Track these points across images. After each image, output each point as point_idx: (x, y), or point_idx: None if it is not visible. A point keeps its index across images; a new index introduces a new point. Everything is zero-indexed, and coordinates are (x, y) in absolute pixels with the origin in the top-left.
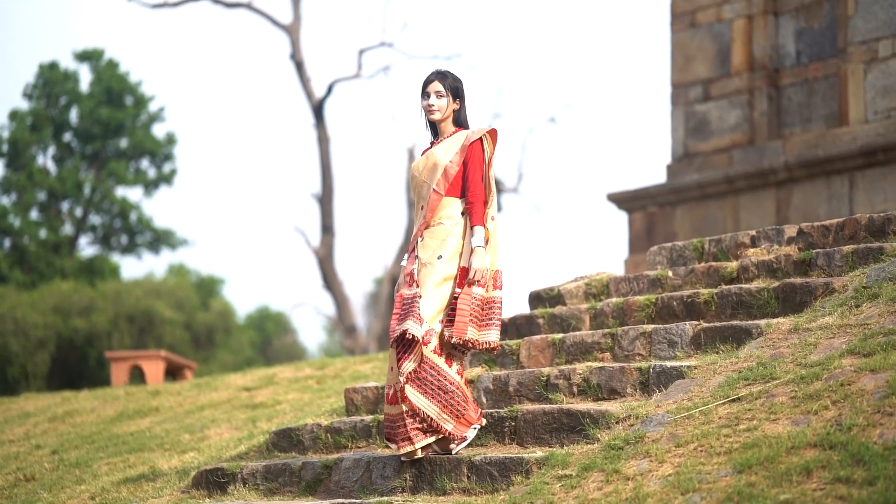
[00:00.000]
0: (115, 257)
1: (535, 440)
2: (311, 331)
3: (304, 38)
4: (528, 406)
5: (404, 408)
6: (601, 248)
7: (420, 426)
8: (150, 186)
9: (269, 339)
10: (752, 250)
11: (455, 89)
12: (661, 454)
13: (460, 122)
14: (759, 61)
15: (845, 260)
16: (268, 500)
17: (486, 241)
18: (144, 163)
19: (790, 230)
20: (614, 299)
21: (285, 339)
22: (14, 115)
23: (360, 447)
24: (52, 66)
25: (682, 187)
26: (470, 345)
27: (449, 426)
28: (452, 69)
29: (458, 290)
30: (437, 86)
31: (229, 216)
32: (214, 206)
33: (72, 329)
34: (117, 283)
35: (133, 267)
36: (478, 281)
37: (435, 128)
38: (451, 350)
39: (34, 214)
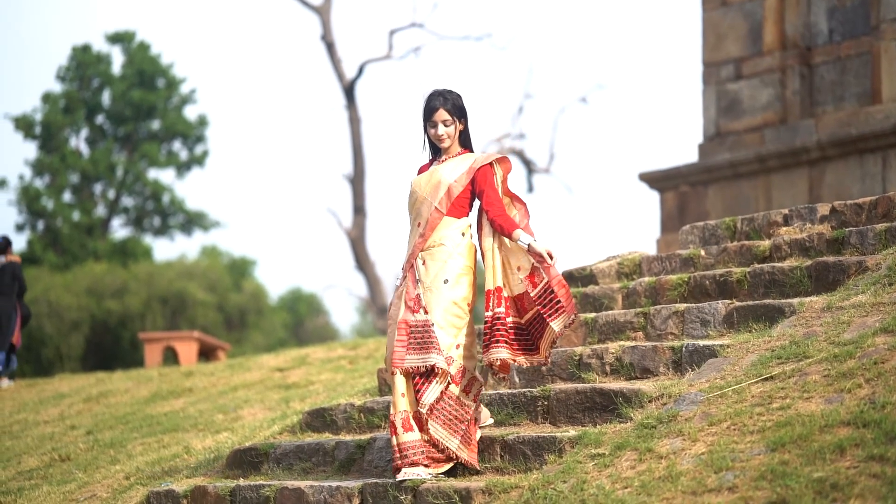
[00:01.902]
0: (148, 239)
1: (568, 419)
2: (344, 312)
3: (335, 19)
4: (561, 385)
5: (424, 437)
6: (633, 228)
7: (436, 455)
8: (183, 168)
9: (301, 321)
10: (784, 229)
11: (459, 110)
12: (694, 433)
13: (465, 141)
14: (792, 39)
15: (878, 238)
16: (301, 479)
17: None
18: (176, 144)
19: (823, 209)
20: (647, 278)
21: (317, 320)
22: (47, 98)
23: None
24: (85, 49)
25: (714, 167)
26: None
27: (464, 455)
28: (450, 87)
29: (489, 312)
30: (443, 114)
31: (261, 198)
32: (246, 188)
33: (105, 311)
34: (150, 264)
35: (165, 249)
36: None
37: (436, 147)
38: (471, 378)
39: (67, 196)
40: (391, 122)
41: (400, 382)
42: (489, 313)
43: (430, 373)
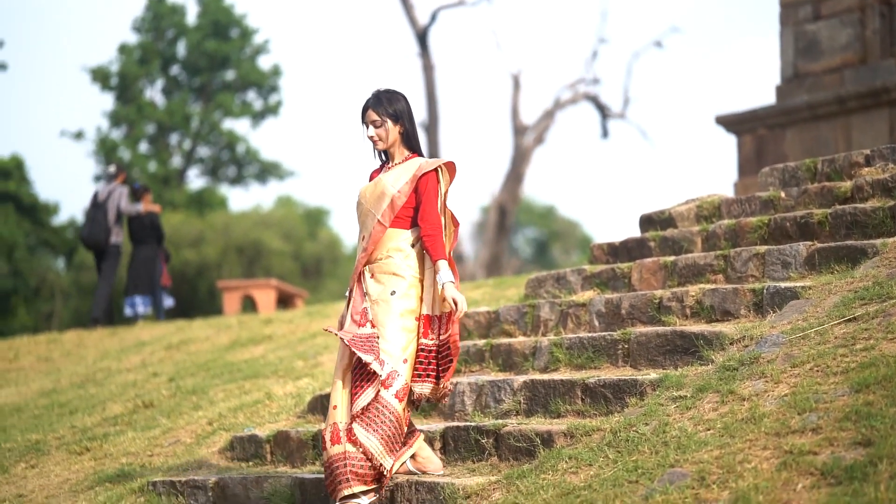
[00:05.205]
0: (224, 189)
1: (649, 362)
2: None
3: None
4: (641, 328)
5: (350, 448)
6: (708, 172)
7: (361, 470)
8: (257, 118)
9: None
10: (866, 169)
11: (394, 113)
12: (776, 374)
13: (411, 144)
14: None
15: None
16: None
17: (457, 276)
18: (251, 94)
19: None
20: (726, 221)
21: None
22: (123, 49)
23: (473, 371)
24: (160, 0)
25: (793, 109)
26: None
27: (388, 463)
28: (391, 87)
29: (427, 340)
30: (371, 115)
31: (335, 147)
32: (320, 137)
33: (183, 260)
34: (226, 214)
35: (241, 198)
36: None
37: (386, 152)
38: (409, 400)
39: (144, 147)
40: (465, 68)
41: (335, 394)
42: (428, 341)
43: (367, 379)
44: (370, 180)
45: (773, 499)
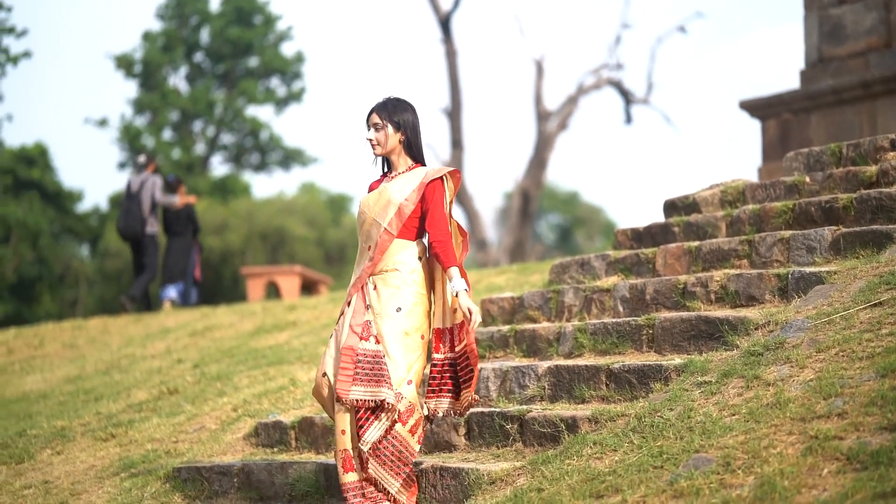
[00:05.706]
0: (247, 176)
1: (673, 348)
2: None
3: None
4: (666, 314)
5: (363, 476)
6: (732, 157)
7: (374, 495)
8: (280, 105)
9: None
10: (891, 154)
11: (397, 121)
12: (801, 359)
13: (414, 154)
14: None
15: None
16: None
17: (469, 285)
18: (274, 81)
19: None
20: (751, 206)
21: None
22: (147, 37)
23: (497, 357)
24: None
25: (817, 93)
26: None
27: (403, 500)
28: (400, 96)
29: (439, 354)
30: (374, 118)
31: (358, 133)
32: (343, 123)
33: (207, 247)
34: (249, 201)
35: (264, 185)
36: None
37: (388, 161)
38: (419, 418)
39: (167, 134)
40: (488, 54)
41: (341, 418)
42: (440, 355)
43: (376, 408)
44: (370, 191)
45: (798, 484)
